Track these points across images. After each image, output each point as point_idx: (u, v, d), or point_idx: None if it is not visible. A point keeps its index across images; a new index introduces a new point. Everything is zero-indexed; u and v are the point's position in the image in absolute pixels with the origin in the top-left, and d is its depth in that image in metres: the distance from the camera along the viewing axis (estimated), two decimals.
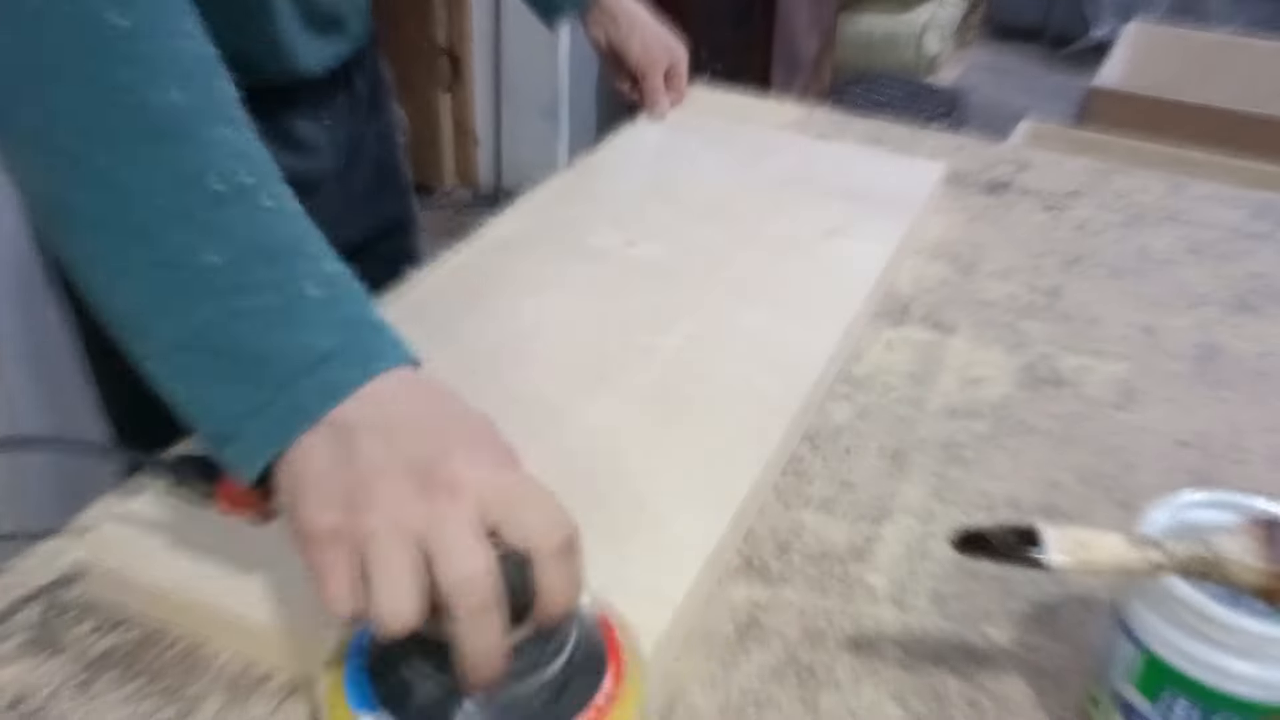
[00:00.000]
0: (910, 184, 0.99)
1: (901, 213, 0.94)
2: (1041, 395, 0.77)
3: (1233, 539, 0.47)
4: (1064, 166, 1.11)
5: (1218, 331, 0.85)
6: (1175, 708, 0.47)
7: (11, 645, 0.56)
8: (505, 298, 0.80)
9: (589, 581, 0.45)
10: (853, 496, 0.67)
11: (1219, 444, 0.73)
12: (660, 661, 0.54)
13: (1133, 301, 0.88)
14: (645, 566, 0.57)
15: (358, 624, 0.45)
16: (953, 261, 0.93)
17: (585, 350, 0.74)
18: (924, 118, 3.08)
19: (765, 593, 0.60)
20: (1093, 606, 0.60)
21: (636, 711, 0.46)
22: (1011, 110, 3.36)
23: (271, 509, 0.49)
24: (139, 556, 0.57)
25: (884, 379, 0.78)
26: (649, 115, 1.12)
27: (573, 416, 0.68)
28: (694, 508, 0.61)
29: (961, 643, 0.58)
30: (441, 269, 0.84)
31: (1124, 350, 0.82)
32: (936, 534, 0.65)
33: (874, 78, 3.31)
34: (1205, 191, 1.07)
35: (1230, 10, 3.55)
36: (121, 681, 0.54)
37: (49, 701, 0.53)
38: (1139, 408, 0.76)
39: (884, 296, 0.88)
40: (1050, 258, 0.94)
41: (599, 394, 0.70)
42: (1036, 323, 0.85)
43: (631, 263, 0.86)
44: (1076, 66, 3.74)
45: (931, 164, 1.04)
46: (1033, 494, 0.68)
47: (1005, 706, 0.54)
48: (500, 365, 0.73)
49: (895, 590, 0.61)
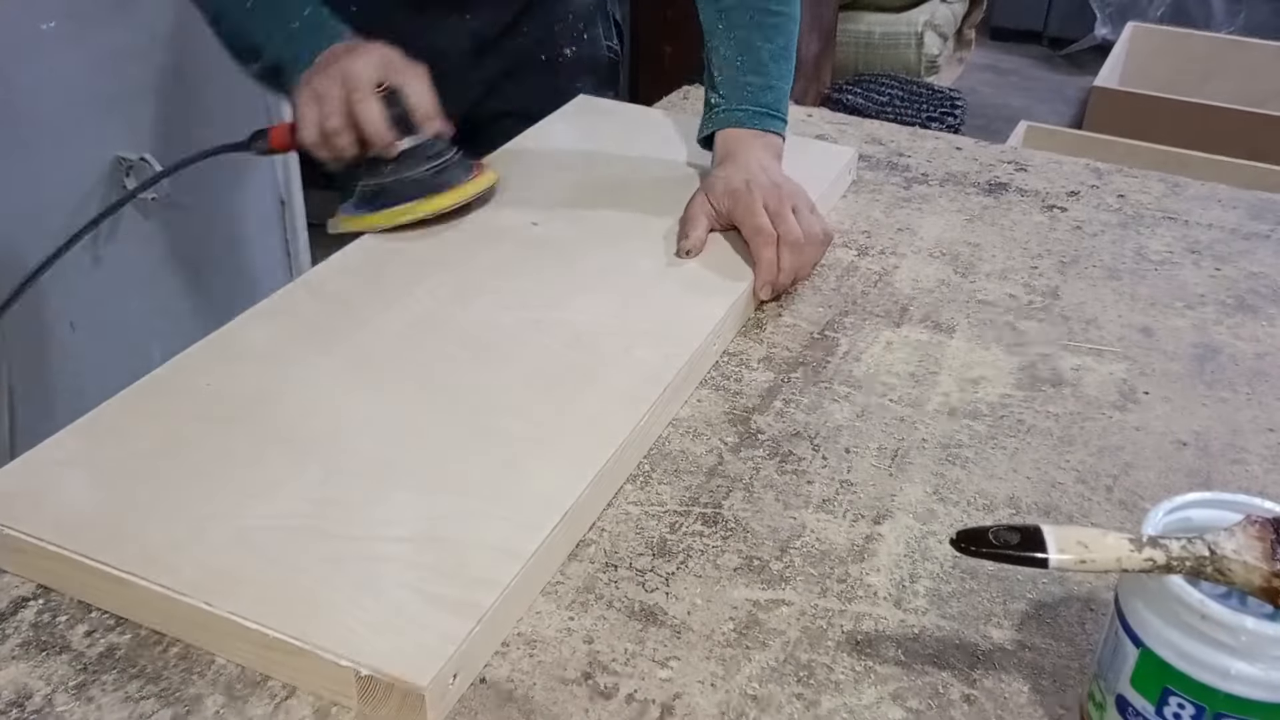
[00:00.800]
0: (819, 168, 1.01)
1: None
2: (1041, 395, 0.77)
3: (1233, 539, 0.47)
4: (1063, 167, 1.12)
5: (1216, 332, 0.85)
6: (1175, 708, 0.47)
7: (11, 645, 0.56)
8: (408, 277, 0.83)
9: None
10: (853, 496, 0.67)
11: (1217, 444, 0.73)
12: (508, 611, 0.57)
13: (1131, 302, 0.89)
14: (505, 521, 0.61)
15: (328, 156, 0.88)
16: (951, 262, 0.93)
17: (480, 325, 0.78)
18: (924, 118, 3.08)
19: (765, 593, 0.60)
20: (1093, 606, 0.60)
21: (496, 182, 0.93)
22: (1010, 111, 3.36)
23: (296, 142, 0.88)
24: (22, 516, 0.60)
25: (884, 379, 0.78)
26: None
27: (466, 386, 0.72)
28: (558, 468, 0.65)
29: (961, 643, 0.58)
30: (348, 249, 0.88)
31: (1123, 350, 0.82)
32: (936, 534, 0.65)
33: (874, 78, 3.31)
34: (1203, 192, 1.07)
35: (1228, 12, 3.55)
36: (121, 681, 0.54)
37: (49, 701, 0.53)
38: (1138, 408, 0.76)
39: (884, 297, 0.88)
40: (1049, 258, 0.95)
41: (490, 365, 0.74)
42: (1035, 323, 0.85)
43: (534, 241, 0.89)
44: (1076, 67, 3.75)
45: (842, 149, 1.06)
46: (1033, 494, 0.68)
47: (1005, 706, 0.54)
48: (403, 341, 0.76)
49: (895, 590, 0.61)
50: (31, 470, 0.64)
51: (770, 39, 0.96)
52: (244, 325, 0.77)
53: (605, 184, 0.98)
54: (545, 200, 0.95)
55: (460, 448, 0.66)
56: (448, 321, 0.78)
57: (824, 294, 0.88)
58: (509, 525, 0.60)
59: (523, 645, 0.57)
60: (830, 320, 0.85)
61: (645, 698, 0.54)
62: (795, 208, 0.87)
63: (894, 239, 0.97)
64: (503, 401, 0.70)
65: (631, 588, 0.61)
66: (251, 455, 0.65)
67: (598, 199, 0.96)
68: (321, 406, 0.69)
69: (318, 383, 0.71)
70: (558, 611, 0.59)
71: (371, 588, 0.56)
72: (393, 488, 0.63)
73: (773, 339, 0.83)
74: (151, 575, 0.56)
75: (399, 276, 0.83)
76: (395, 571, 0.57)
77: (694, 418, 0.74)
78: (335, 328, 0.77)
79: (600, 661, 0.56)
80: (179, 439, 0.66)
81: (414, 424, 0.68)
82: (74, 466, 0.64)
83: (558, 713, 0.53)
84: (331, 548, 0.59)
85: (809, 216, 0.88)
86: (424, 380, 0.72)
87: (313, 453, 0.65)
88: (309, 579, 0.57)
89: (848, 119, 1.21)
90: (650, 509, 0.66)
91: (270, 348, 0.75)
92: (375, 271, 0.84)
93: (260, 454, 0.65)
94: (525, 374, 0.73)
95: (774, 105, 0.96)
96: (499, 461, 0.65)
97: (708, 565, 0.62)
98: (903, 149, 1.14)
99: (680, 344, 0.76)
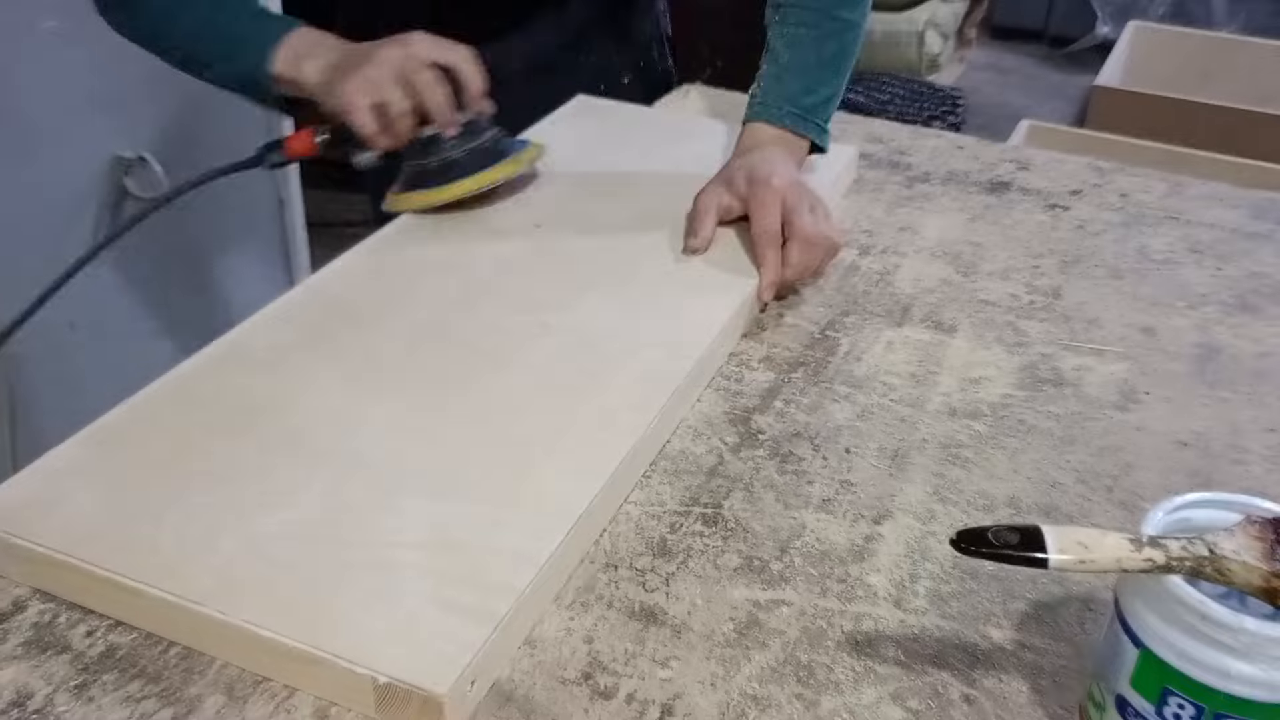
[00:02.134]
0: (819, 167, 0.99)
1: None
2: (1041, 395, 0.77)
3: (1233, 539, 0.47)
4: (1064, 166, 1.11)
5: (1217, 331, 0.85)
6: (1175, 708, 0.47)
7: (11, 645, 0.56)
8: (412, 280, 0.83)
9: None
10: (853, 496, 0.67)
11: (1218, 444, 0.73)
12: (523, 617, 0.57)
13: (1132, 301, 0.88)
14: (518, 526, 0.60)
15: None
16: (953, 261, 0.93)
17: (487, 329, 0.78)
18: (924, 117, 3.08)
19: (765, 593, 0.60)
20: (1093, 606, 0.60)
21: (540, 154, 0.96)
22: (1012, 110, 3.36)
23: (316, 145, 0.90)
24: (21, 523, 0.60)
25: (884, 379, 0.78)
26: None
27: (475, 390, 0.71)
28: (571, 473, 0.64)
29: (961, 643, 0.58)
30: (352, 253, 0.87)
31: (1124, 350, 0.82)
32: (936, 534, 0.65)
33: (874, 78, 3.31)
34: (1205, 191, 1.07)
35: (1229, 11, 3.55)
36: (121, 682, 0.54)
37: (49, 701, 0.53)
38: (1139, 408, 0.76)
39: (885, 297, 0.88)
40: (1050, 258, 0.94)
41: (498, 368, 0.74)
42: (1036, 323, 0.85)
43: (537, 243, 0.89)
44: (1076, 66, 3.74)
45: (842, 147, 1.05)
46: (1033, 494, 0.68)
47: (1005, 706, 0.54)
48: (410, 345, 0.76)
49: (895, 590, 0.61)
50: (39, 479, 0.63)
51: (822, 43, 0.94)
52: (248, 332, 0.77)
53: (607, 184, 0.98)
54: (547, 201, 0.95)
55: (470, 453, 0.66)
56: (454, 325, 0.78)
57: (825, 294, 0.88)
58: (522, 530, 0.60)
59: (523, 645, 0.57)
60: (831, 320, 0.85)
61: (645, 698, 0.54)
62: (813, 206, 0.86)
63: (895, 238, 0.97)
64: (512, 405, 0.70)
65: (632, 588, 0.61)
66: (261, 463, 0.65)
67: (600, 199, 0.95)
68: (330, 413, 0.69)
69: (326, 389, 0.71)
70: (558, 611, 0.59)
71: (386, 595, 0.56)
72: (404, 494, 0.62)
73: (773, 339, 0.83)
74: (164, 584, 0.56)
75: (403, 280, 0.83)
76: (410, 578, 0.57)
77: (694, 418, 0.74)
78: (341, 333, 0.77)
79: (600, 662, 0.56)
80: (187, 447, 0.66)
81: (423, 429, 0.68)
82: (81, 475, 0.64)
83: (558, 713, 0.53)
84: (344, 555, 0.58)
85: (825, 220, 0.86)
86: (432, 385, 0.72)
87: (322, 460, 0.65)
88: (323, 586, 0.56)
89: (849, 117, 1.21)
90: (650, 509, 0.66)
91: (276, 355, 0.74)
92: (379, 275, 0.84)
93: (270, 461, 0.65)
94: (533, 378, 0.73)
95: (812, 110, 0.94)
96: (510, 466, 0.65)
97: (708, 565, 0.62)
98: (904, 148, 1.14)
99: (687, 347, 0.76)
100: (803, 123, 0.93)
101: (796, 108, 0.93)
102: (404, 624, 0.54)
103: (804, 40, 0.94)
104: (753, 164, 0.89)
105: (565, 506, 0.61)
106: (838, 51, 0.95)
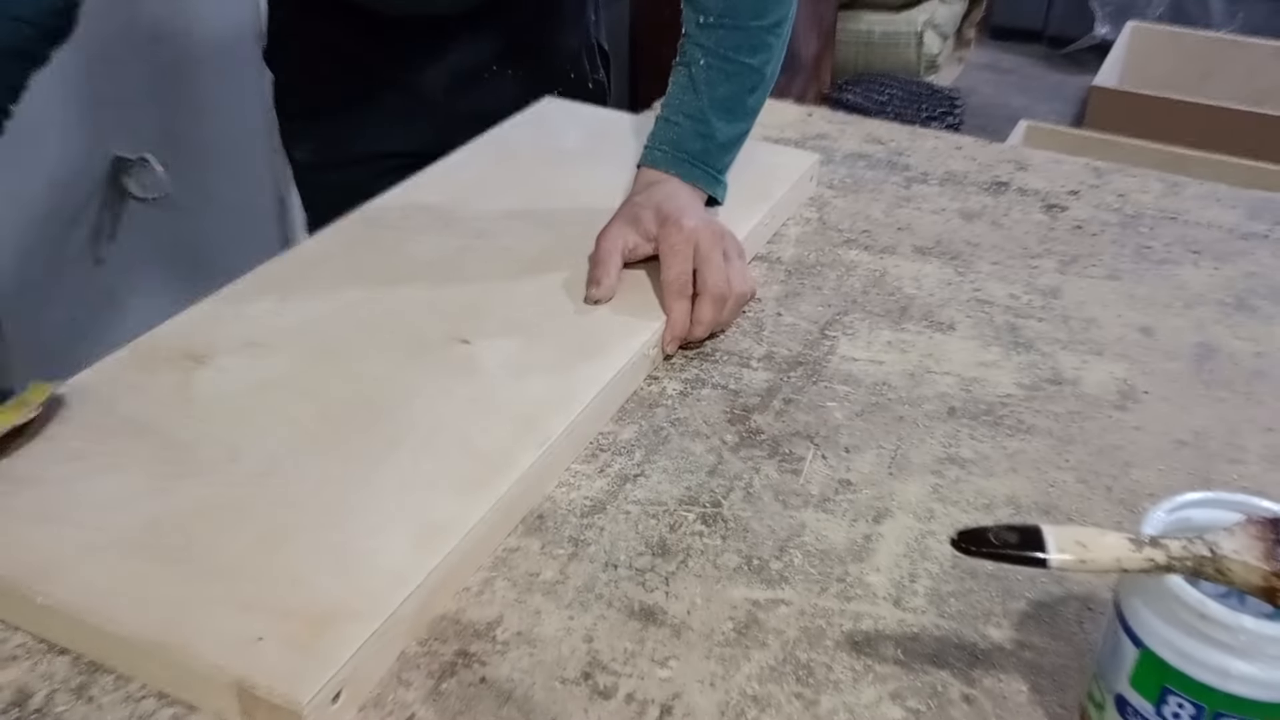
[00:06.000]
0: (774, 174, 0.98)
1: (759, 199, 0.94)
2: (1041, 395, 0.77)
3: (1232, 539, 0.47)
4: (1062, 166, 1.11)
5: (1215, 331, 0.85)
6: (1175, 707, 0.47)
7: (12, 645, 0.56)
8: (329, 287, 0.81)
9: None
10: (852, 496, 0.67)
11: (1217, 443, 0.73)
12: (393, 634, 0.56)
13: (1131, 301, 0.89)
14: (398, 541, 0.60)
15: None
16: (951, 261, 0.93)
17: (406, 342, 0.75)
18: (924, 117, 3.08)
19: (765, 592, 0.60)
20: (1091, 606, 0.60)
21: (44, 395, 0.69)
22: (1010, 110, 3.36)
23: None
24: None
25: (883, 378, 0.78)
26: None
27: (390, 407, 0.70)
28: (459, 489, 0.63)
29: (961, 642, 0.58)
30: (271, 264, 0.85)
31: (1122, 350, 0.82)
32: (936, 533, 0.65)
33: (874, 78, 3.31)
34: (1203, 191, 1.07)
35: (1227, 11, 3.55)
36: (121, 682, 0.54)
37: (49, 701, 0.53)
38: (1137, 407, 0.76)
39: (884, 296, 0.88)
40: (1048, 258, 0.95)
41: (416, 380, 0.72)
42: (1035, 322, 0.85)
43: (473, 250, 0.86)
44: (1076, 66, 3.74)
45: (802, 154, 1.03)
46: (1033, 494, 0.68)
47: (1005, 706, 0.54)
48: (312, 357, 0.74)
49: (895, 590, 0.61)
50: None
51: (715, 85, 0.87)
52: (152, 338, 0.76)
53: (561, 193, 0.94)
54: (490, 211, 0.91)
55: (351, 465, 0.65)
56: (356, 342, 0.76)
57: (824, 293, 0.88)
58: (403, 545, 0.59)
59: (522, 645, 0.57)
60: (830, 319, 0.85)
61: (645, 697, 0.54)
62: (726, 252, 0.79)
63: (894, 238, 0.97)
64: (394, 423, 0.68)
65: (631, 587, 0.61)
66: (139, 471, 0.64)
67: (548, 209, 0.91)
68: (217, 426, 0.68)
69: (221, 399, 0.70)
70: (557, 611, 0.59)
71: (259, 604, 0.55)
72: (278, 506, 0.61)
73: (773, 338, 0.83)
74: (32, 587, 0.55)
75: (322, 285, 0.81)
76: (281, 589, 0.56)
77: (694, 417, 0.74)
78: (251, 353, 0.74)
79: (600, 661, 0.56)
80: (68, 454, 0.65)
81: (308, 445, 0.66)
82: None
83: (557, 712, 0.53)
84: (211, 563, 0.57)
85: (739, 266, 0.80)
86: (325, 401, 0.70)
87: (202, 470, 0.64)
88: (188, 590, 0.56)
89: (847, 118, 1.21)
90: (650, 508, 0.66)
91: (179, 359, 0.73)
92: (300, 281, 0.82)
93: (146, 470, 0.64)
94: (448, 388, 0.71)
95: (701, 156, 0.86)
96: (390, 485, 0.64)
97: (707, 565, 0.62)
98: (903, 148, 1.14)
99: (605, 357, 0.74)
100: (690, 168, 0.86)
101: (682, 152, 0.86)
102: (272, 631, 0.53)
103: (698, 80, 0.87)
104: (658, 200, 0.82)
105: (447, 527, 0.60)
106: (731, 95, 0.87)
